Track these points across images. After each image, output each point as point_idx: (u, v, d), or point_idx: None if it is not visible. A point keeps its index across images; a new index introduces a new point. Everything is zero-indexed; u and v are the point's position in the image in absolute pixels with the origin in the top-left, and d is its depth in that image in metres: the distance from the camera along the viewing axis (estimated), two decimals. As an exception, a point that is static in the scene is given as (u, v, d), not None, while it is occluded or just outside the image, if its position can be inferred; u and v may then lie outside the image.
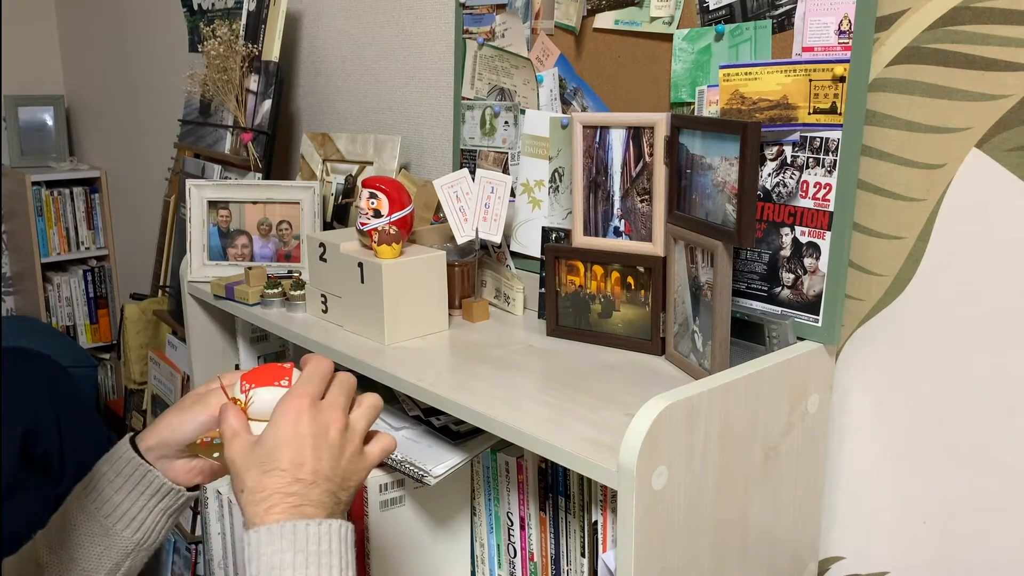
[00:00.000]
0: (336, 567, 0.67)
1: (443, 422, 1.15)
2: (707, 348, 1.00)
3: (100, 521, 0.81)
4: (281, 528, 0.66)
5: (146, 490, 0.82)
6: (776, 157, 1.02)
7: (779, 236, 1.03)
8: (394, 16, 1.68)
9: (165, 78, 2.63)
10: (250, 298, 1.37)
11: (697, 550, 0.87)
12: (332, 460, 0.71)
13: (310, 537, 0.67)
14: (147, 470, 0.81)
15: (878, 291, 1.00)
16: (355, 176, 1.64)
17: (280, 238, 1.55)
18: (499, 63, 1.36)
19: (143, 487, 0.81)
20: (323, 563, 0.66)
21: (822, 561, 1.10)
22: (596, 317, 1.18)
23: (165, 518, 0.83)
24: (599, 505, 0.93)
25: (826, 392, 1.02)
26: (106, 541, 0.81)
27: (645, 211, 1.12)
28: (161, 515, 0.83)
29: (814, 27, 0.97)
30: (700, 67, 1.09)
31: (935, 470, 0.98)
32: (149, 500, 0.82)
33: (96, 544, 0.80)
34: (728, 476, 0.89)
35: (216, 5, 2.05)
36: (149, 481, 0.81)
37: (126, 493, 0.81)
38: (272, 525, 0.66)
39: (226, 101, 1.86)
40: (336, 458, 0.71)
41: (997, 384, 0.92)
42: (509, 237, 1.35)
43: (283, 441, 0.70)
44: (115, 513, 0.81)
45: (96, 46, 3.15)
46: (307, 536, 0.67)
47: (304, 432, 0.70)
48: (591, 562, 0.95)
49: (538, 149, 1.31)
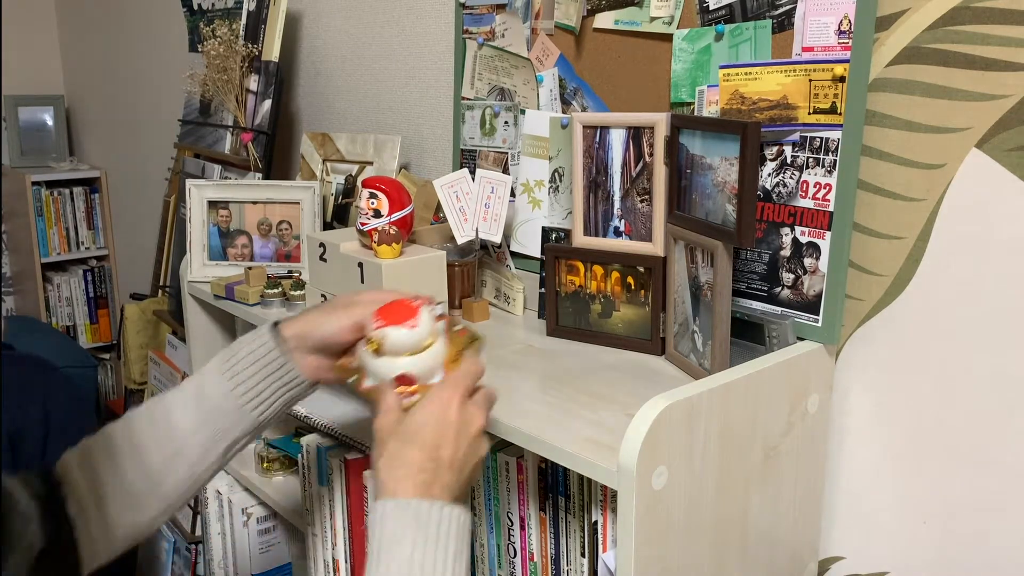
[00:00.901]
0: (451, 552, 0.71)
1: (443, 422, 1.15)
2: (707, 348, 1.00)
3: (234, 399, 0.88)
4: (407, 504, 0.71)
5: (281, 378, 0.89)
6: (776, 157, 1.02)
7: (779, 236, 1.03)
8: (394, 16, 1.68)
9: (165, 78, 2.63)
10: (250, 298, 1.37)
11: (697, 550, 0.87)
12: (466, 453, 0.76)
13: (431, 518, 0.71)
14: (285, 360, 0.89)
15: (878, 291, 1.00)
16: (355, 176, 1.64)
17: (280, 238, 1.55)
18: (499, 63, 1.36)
19: (279, 375, 0.89)
20: (440, 545, 0.70)
21: (822, 561, 1.10)
22: (596, 317, 1.18)
23: (285, 406, 0.91)
24: (599, 505, 0.93)
25: (826, 392, 1.02)
26: (236, 416, 0.88)
27: (645, 211, 1.12)
28: (285, 403, 0.91)
29: (814, 27, 0.97)
30: (700, 67, 1.09)
31: (935, 470, 0.98)
32: (281, 388, 0.89)
33: (227, 418, 0.88)
34: (728, 476, 0.89)
35: (216, 5, 2.05)
36: (286, 371, 0.89)
37: (262, 377, 0.88)
38: (400, 500, 0.71)
39: (226, 101, 1.86)
40: (469, 454, 0.77)
41: (997, 384, 0.92)
42: (509, 237, 1.35)
43: (430, 422, 0.76)
44: (248, 393, 0.88)
45: (96, 46, 3.15)
46: (429, 517, 0.71)
47: (451, 420, 0.76)
48: (591, 562, 0.95)
49: (538, 149, 1.31)
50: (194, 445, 0.88)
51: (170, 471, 0.87)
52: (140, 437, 0.87)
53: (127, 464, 0.85)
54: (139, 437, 0.87)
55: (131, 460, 0.86)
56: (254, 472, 1.49)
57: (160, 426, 0.88)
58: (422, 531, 0.70)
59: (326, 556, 1.21)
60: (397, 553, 0.69)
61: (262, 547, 1.53)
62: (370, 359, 0.82)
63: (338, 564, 1.19)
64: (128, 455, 0.86)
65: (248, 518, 1.51)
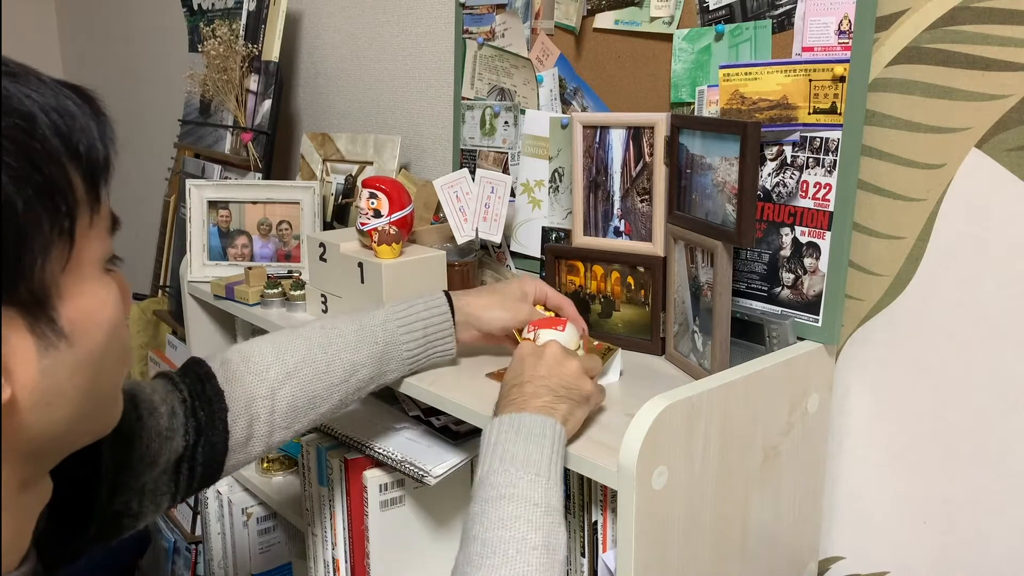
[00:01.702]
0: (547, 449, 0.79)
1: (443, 422, 1.15)
2: (707, 348, 1.00)
3: (402, 351, 0.99)
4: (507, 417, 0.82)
5: (441, 345, 1.02)
6: (776, 157, 1.02)
7: (779, 236, 1.03)
8: (394, 16, 1.68)
9: (165, 78, 2.63)
10: (250, 298, 1.37)
11: (697, 550, 0.87)
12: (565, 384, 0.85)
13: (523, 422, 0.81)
14: (451, 332, 1.02)
15: (878, 291, 1.00)
16: (355, 176, 1.64)
17: (280, 238, 1.55)
18: (499, 63, 1.36)
19: (441, 342, 1.02)
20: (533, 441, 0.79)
21: (822, 561, 1.10)
22: (596, 317, 1.18)
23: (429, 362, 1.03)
24: (599, 505, 0.93)
25: (826, 392, 1.02)
26: (396, 365, 0.99)
27: (645, 211, 1.12)
28: (428, 360, 1.02)
29: (814, 27, 0.97)
30: (700, 67, 1.09)
31: (935, 470, 0.98)
32: (430, 346, 1.01)
33: (390, 364, 0.99)
34: (728, 476, 0.89)
35: (216, 5, 2.05)
36: (447, 342, 1.02)
37: (423, 331, 1.00)
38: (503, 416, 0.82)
39: (226, 101, 1.86)
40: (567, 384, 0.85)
41: (997, 384, 0.92)
42: (509, 237, 1.35)
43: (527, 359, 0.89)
44: (414, 351, 1.00)
45: (96, 46, 3.15)
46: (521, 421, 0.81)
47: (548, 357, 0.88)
48: (591, 562, 0.95)
49: (538, 149, 1.31)
50: (356, 380, 0.96)
51: (327, 398, 0.94)
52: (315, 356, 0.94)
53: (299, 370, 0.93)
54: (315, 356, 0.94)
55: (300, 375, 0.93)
56: (254, 472, 1.49)
57: (331, 353, 0.95)
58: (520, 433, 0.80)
59: (326, 556, 1.21)
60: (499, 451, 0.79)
61: (262, 547, 1.53)
62: None
63: (338, 564, 1.19)
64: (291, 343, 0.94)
65: (248, 518, 1.51)
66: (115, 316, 0.56)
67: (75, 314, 0.52)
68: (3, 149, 0.46)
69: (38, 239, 0.48)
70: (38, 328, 0.50)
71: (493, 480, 0.76)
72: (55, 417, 0.53)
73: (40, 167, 0.48)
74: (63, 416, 0.53)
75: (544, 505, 0.75)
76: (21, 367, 0.49)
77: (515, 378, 0.86)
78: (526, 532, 0.72)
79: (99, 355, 0.54)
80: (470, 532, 0.74)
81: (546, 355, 0.87)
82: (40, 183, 0.48)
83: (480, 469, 0.79)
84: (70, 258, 0.51)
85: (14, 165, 0.47)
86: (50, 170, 0.49)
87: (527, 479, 0.76)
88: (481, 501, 0.76)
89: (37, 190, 0.48)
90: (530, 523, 0.73)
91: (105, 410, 0.59)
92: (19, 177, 0.47)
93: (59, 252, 0.50)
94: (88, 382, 0.54)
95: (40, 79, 0.51)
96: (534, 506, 0.74)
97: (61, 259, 0.51)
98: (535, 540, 0.72)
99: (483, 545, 0.72)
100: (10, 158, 0.46)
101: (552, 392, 0.83)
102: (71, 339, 0.52)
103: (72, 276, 0.52)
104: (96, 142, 0.53)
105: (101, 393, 0.57)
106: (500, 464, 0.77)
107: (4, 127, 0.47)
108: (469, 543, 0.73)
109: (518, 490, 0.75)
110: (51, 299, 0.50)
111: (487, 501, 0.75)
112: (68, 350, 0.52)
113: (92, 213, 0.54)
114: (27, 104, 0.49)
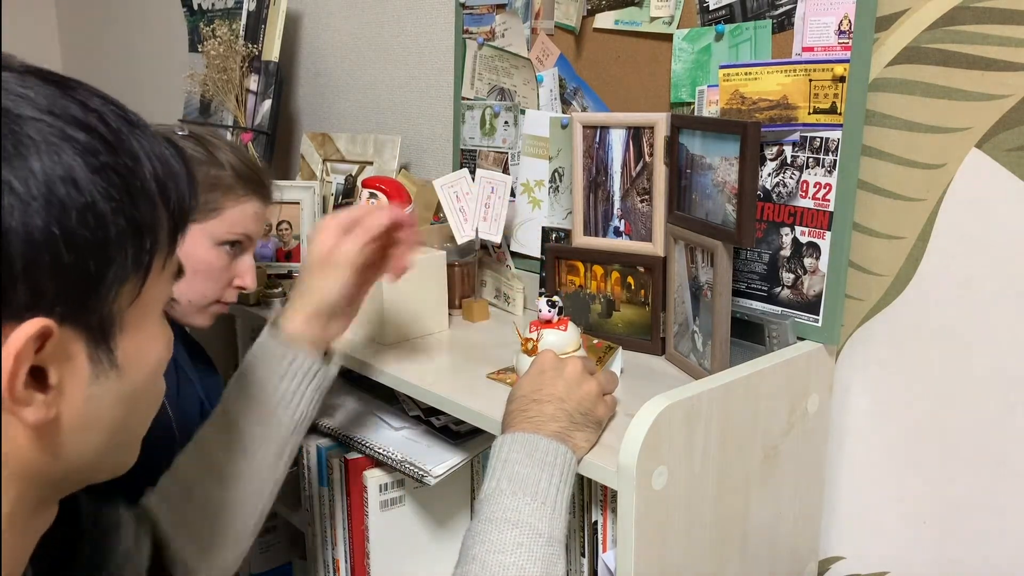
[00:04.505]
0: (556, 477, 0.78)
1: (443, 422, 1.15)
2: (707, 348, 1.00)
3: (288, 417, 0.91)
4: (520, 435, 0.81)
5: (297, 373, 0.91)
6: (776, 157, 1.02)
7: (779, 236, 1.03)
8: (394, 16, 1.68)
9: (165, 78, 2.63)
10: (250, 298, 1.37)
11: (697, 550, 0.87)
12: (577, 406, 0.83)
13: (538, 446, 0.79)
14: (295, 354, 0.91)
15: (878, 291, 1.00)
16: (355, 176, 1.64)
17: (280, 238, 1.55)
18: (499, 63, 1.36)
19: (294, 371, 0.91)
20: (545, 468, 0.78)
21: (822, 561, 1.10)
22: (596, 317, 1.18)
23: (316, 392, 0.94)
24: (599, 505, 0.93)
25: (826, 392, 1.01)
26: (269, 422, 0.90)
27: (645, 211, 1.12)
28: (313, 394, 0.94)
29: (814, 27, 0.97)
30: (700, 67, 1.09)
31: (935, 470, 0.98)
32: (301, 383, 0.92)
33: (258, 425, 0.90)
34: (728, 476, 0.89)
35: (216, 5, 2.05)
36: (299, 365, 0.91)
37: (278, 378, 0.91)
38: (517, 433, 0.81)
39: (226, 101, 1.85)
40: (581, 407, 0.84)
41: (997, 384, 0.92)
42: (509, 237, 1.35)
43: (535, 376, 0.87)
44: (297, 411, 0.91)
45: (96, 46, 3.15)
46: (536, 444, 0.79)
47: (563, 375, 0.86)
48: (591, 562, 0.95)
49: (538, 149, 1.31)
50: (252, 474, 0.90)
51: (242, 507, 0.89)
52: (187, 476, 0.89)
53: (197, 492, 0.88)
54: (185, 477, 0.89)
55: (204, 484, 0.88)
56: (254, 472, 1.48)
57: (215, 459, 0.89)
58: (530, 456, 0.79)
59: (326, 556, 1.21)
60: (508, 470, 0.78)
61: (262, 547, 1.52)
62: (524, 358, 0.95)
63: (338, 564, 1.19)
64: (200, 481, 0.88)
65: (248, 518, 1.51)
66: (161, 358, 0.59)
67: (130, 348, 0.54)
68: (111, 180, 0.50)
69: (119, 269, 0.51)
70: (96, 355, 0.52)
71: (500, 501, 0.76)
72: (89, 444, 0.54)
73: (137, 203, 0.52)
74: (95, 445, 0.55)
75: (547, 535, 0.75)
76: (73, 390, 0.51)
77: (533, 392, 0.84)
78: (525, 561, 0.72)
79: (141, 392, 0.57)
80: (470, 551, 0.74)
81: (567, 373, 0.86)
82: (134, 218, 0.51)
83: (487, 483, 0.78)
84: (140, 295, 0.54)
85: (115, 196, 0.50)
86: (145, 209, 0.52)
87: (533, 506, 0.76)
88: (485, 521, 0.75)
89: (130, 223, 0.51)
90: (531, 553, 0.73)
91: (128, 447, 0.61)
92: (118, 208, 0.50)
93: (132, 287, 0.53)
94: (124, 416, 0.56)
95: (151, 130, 0.55)
96: (537, 535, 0.74)
97: (132, 294, 0.53)
98: (533, 571, 0.72)
99: (482, 567, 0.72)
100: (114, 189, 0.50)
101: (569, 417, 0.82)
102: (122, 371, 0.54)
103: (136, 312, 0.54)
104: (186, 195, 0.57)
105: (132, 429, 0.59)
106: (509, 485, 0.77)
107: (115, 163, 0.51)
108: (468, 562, 0.73)
109: (523, 516, 0.75)
110: (114, 329, 0.53)
111: (491, 522, 0.75)
112: (116, 381, 0.54)
113: (167, 257, 0.57)
114: (136, 147, 0.53)
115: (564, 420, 0.82)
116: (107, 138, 0.51)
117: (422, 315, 1.20)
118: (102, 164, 0.50)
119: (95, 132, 0.50)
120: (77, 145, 0.49)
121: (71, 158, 0.48)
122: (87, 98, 0.52)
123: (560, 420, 0.82)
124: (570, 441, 0.81)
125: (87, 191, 0.48)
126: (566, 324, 0.97)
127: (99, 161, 0.50)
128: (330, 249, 0.91)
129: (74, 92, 0.52)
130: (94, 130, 0.50)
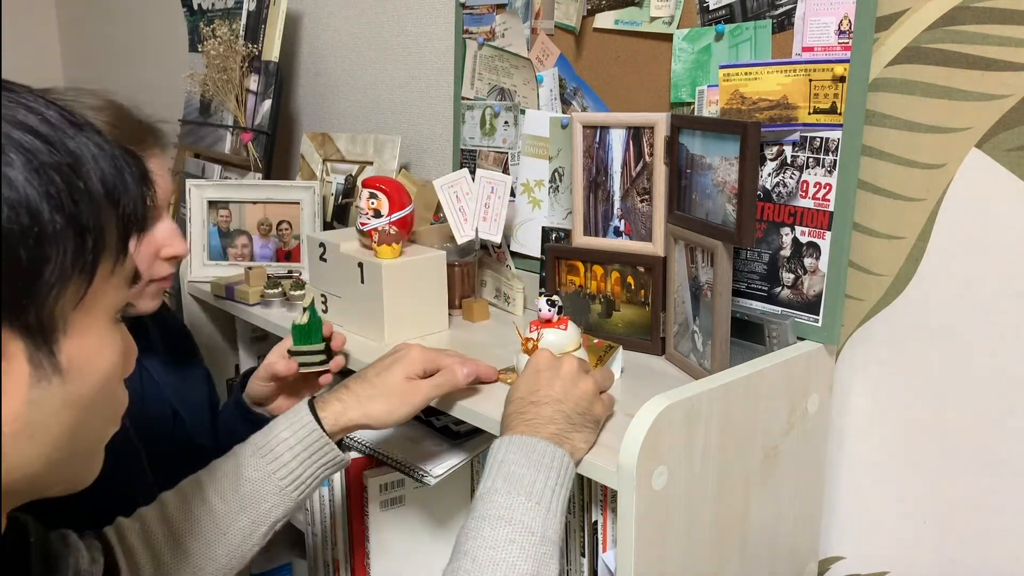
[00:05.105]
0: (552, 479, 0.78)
1: (443, 422, 1.15)
2: (707, 348, 1.00)
3: (276, 482, 0.90)
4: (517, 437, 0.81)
5: (322, 459, 0.92)
6: (776, 157, 1.02)
7: (779, 236, 1.03)
8: (394, 16, 1.68)
9: (165, 78, 2.62)
10: (250, 298, 1.37)
11: (697, 550, 0.87)
12: (575, 408, 0.83)
13: (535, 448, 0.79)
14: (326, 442, 0.92)
15: (878, 291, 1.00)
16: (355, 176, 1.64)
17: (280, 238, 1.55)
18: (499, 63, 1.36)
19: (319, 456, 0.92)
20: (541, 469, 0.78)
21: (822, 561, 1.10)
22: (596, 317, 1.18)
23: (322, 481, 0.96)
24: (599, 505, 0.93)
25: (826, 392, 1.01)
26: (276, 499, 0.91)
27: (645, 211, 1.12)
28: (322, 480, 0.95)
29: (814, 27, 0.97)
30: (700, 67, 1.09)
31: (935, 470, 0.98)
32: (321, 468, 0.93)
33: (266, 500, 0.90)
34: (728, 476, 0.89)
35: (216, 5, 2.05)
36: (326, 452, 0.92)
37: (303, 460, 0.91)
38: (514, 436, 0.81)
39: (226, 101, 1.85)
40: (578, 408, 0.84)
41: (997, 384, 0.92)
42: (509, 237, 1.35)
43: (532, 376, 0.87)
44: (289, 476, 0.91)
45: (96, 46, 3.15)
46: (533, 447, 0.79)
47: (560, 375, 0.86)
48: (591, 562, 0.95)
49: (538, 149, 1.31)
50: (235, 531, 0.89)
51: (210, 557, 0.88)
52: (177, 523, 0.87)
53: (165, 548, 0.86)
54: (176, 523, 0.87)
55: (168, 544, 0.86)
56: (254, 472, 1.48)
57: (196, 511, 0.88)
58: (527, 457, 0.79)
59: (326, 556, 1.21)
60: (504, 470, 0.78)
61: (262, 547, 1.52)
62: (524, 358, 0.95)
63: (338, 564, 1.19)
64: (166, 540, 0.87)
65: (248, 518, 1.51)
66: (113, 366, 0.57)
67: (76, 352, 0.53)
68: (50, 179, 0.50)
69: (58, 268, 0.50)
70: (36, 357, 0.51)
71: (494, 499, 0.76)
72: (33, 453, 0.53)
73: (78, 202, 0.51)
74: (41, 454, 0.53)
75: (540, 534, 0.74)
76: (10, 393, 0.50)
77: (531, 393, 0.84)
78: (516, 558, 0.72)
79: (89, 400, 0.55)
80: (462, 546, 0.74)
81: (563, 372, 0.86)
82: (74, 215, 0.51)
83: (483, 483, 0.78)
84: (84, 297, 0.53)
85: (53, 194, 0.50)
86: (87, 209, 0.52)
87: (527, 505, 0.75)
88: (478, 518, 0.75)
89: (69, 221, 0.51)
90: (523, 550, 0.73)
91: (83, 463, 0.59)
92: (56, 206, 0.50)
93: (75, 288, 0.52)
94: (73, 425, 0.54)
95: (101, 135, 0.55)
96: (530, 534, 0.74)
97: (76, 296, 0.52)
98: (524, 569, 0.72)
99: (472, 562, 0.72)
100: (52, 187, 0.50)
101: (567, 419, 0.82)
102: (66, 376, 0.52)
103: (82, 315, 0.53)
104: (136, 200, 0.56)
105: (83, 442, 0.57)
106: (503, 485, 0.77)
107: (53, 161, 0.50)
108: (459, 557, 0.73)
109: (516, 514, 0.75)
110: (56, 332, 0.52)
111: (484, 519, 0.75)
112: (60, 387, 0.52)
113: (116, 262, 0.56)
114: (80, 148, 0.53)
115: (562, 422, 0.82)
116: (49, 138, 0.51)
117: (422, 315, 1.20)
118: (41, 163, 0.50)
119: (36, 133, 0.50)
120: (16, 145, 0.49)
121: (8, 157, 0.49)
122: (30, 101, 0.52)
123: (558, 422, 0.81)
124: (568, 443, 0.81)
125: (21, 188, 0.48)
126: (566, 323, 0.97)
127: (38, 160, 0.50)
128: (410, 382, 0.95)
129: (17, 95, 0.52)
130: (35, 131, 0.50)
